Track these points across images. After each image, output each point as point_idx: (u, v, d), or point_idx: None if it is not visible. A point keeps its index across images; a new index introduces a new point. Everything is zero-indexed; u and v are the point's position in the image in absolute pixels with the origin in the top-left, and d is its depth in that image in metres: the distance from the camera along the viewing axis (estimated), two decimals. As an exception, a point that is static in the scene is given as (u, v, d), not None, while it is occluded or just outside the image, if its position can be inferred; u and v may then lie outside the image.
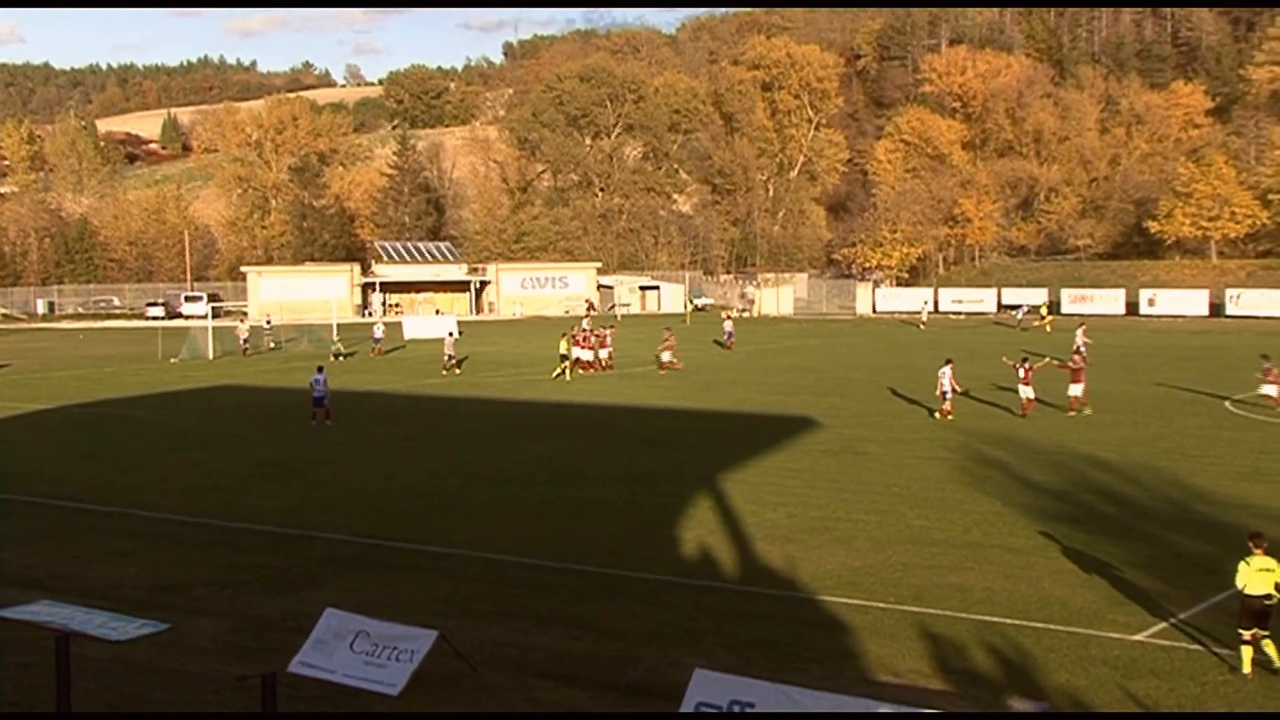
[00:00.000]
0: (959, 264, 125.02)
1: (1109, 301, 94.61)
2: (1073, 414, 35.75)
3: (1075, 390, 36.53)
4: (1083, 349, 48.56)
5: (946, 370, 36.15)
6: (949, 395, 35.84)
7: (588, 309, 61.22)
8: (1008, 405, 37.79)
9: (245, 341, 65.72)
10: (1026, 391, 36.21)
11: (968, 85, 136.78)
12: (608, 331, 56.49)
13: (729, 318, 68.66)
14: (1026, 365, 36.90)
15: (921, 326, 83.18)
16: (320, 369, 38.11)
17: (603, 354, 52.64)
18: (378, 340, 64.73)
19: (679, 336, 57.13)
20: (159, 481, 27.38)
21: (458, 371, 51.51)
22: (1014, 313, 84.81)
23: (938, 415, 35.78)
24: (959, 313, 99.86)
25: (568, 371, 49.02)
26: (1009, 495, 24.11)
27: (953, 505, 23.24)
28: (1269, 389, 37.34)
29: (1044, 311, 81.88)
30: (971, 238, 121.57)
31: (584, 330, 53.66)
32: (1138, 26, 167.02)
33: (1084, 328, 53.78)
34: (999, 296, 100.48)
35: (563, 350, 49.85)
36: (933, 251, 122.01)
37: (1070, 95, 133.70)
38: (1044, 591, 17.30)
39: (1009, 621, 15.90)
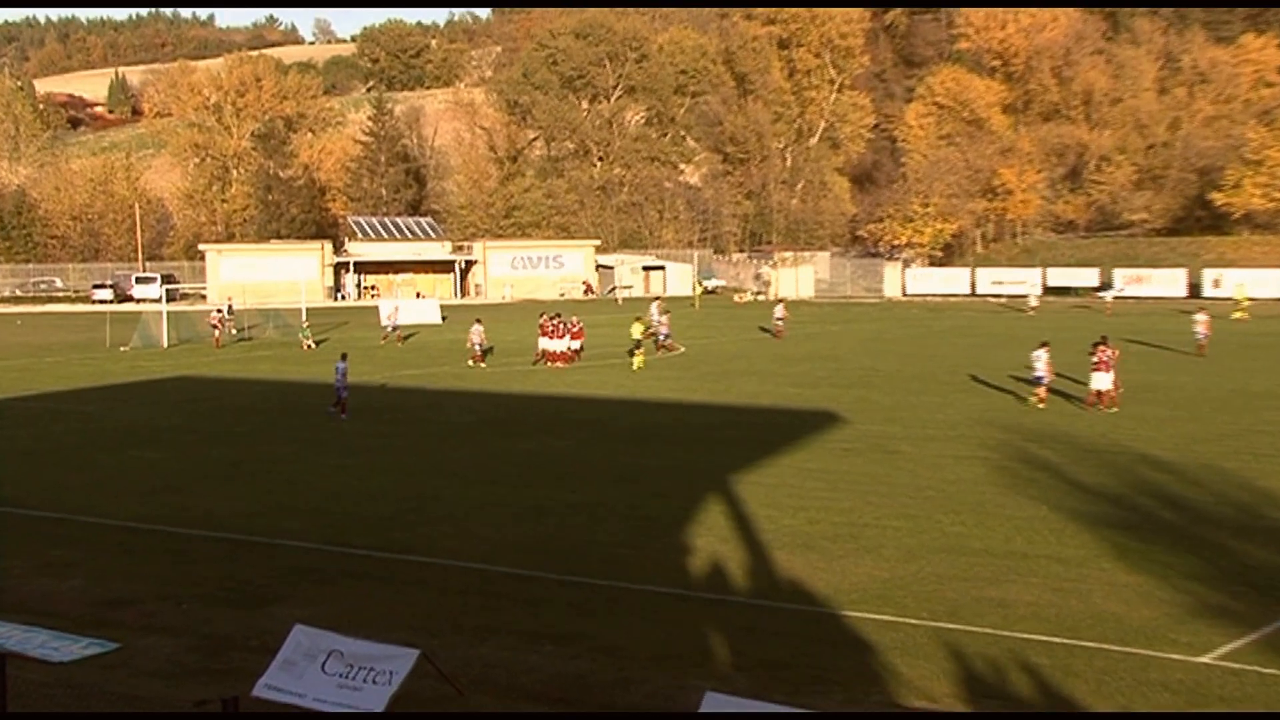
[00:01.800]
0: (999, 241, 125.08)
1: (1168, 283, 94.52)
2: (1104, 410, 35.62)
3: (1102, 383, 36.21)
4: (1201, 335, 48.29)
5: (1041, 354, 36.96)
6: (1044, 381, 36.66)
7: (658, 302, 61.30)
8: (1056, 399, 37.74)
9: (217, 330, 63.81)
10: (1101, 380, 36.21)
11: (1009, 41, 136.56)
12: (664, 317, 56.43)
13: (781, 302, 67.87)
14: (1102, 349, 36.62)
15: (1030, 311, 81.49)
16: (343, 356, 37.76)
17: (574, 344, 52.18)
18: (395, 327, 64.03)
19: (689, 320, 57.12)
20: (106, 483, 27.35)
21: (483, 365, 50.98)
22: (1102, 295, 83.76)
23: (1033, 400, 36.70)
24: (998, 295, 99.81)
25: (640, 358, 49.30)
26: (1056, 499, 24.04)
27: (993, 510, 23.18)
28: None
29: (1240, 298, 76.02)
30: (1013, 212, 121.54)
31: (556, 319, 52.48)
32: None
33: (1206, 315, 52.24)
34: (1044, 277, 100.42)
35: (636, 335, 49.91)
36: (969, 227, 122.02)
37: (1124, 51, 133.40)
38: (1096, 607, 17.24)
39: (1057, 640, 15.84)
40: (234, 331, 70.33)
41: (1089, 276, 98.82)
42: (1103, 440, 30.79)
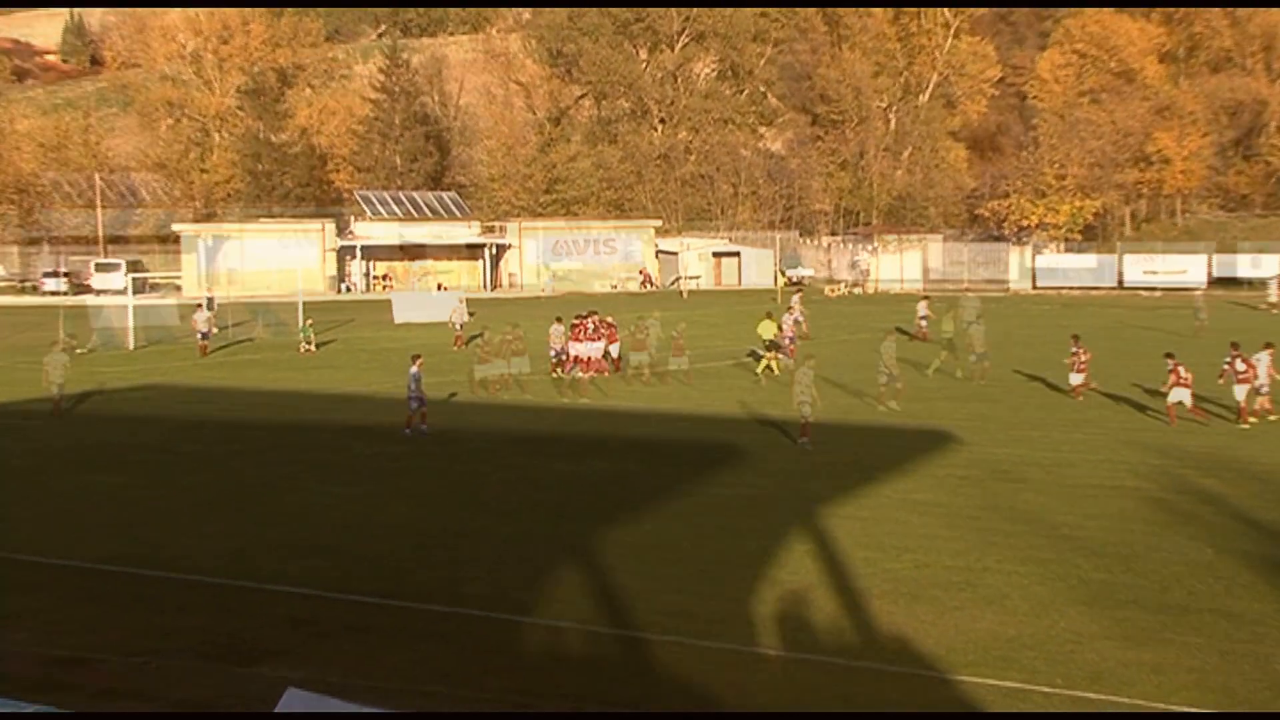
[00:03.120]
0: (1153, 221, 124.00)
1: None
2: (1246, 424, 36.13)
3: (1241, 394, 36.86)
4: None
5: (1264, 356, 37.16)
6: (1264, 389, 36.98)
7: (799, 294, 61.73)
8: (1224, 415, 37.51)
9: (204, 336, 62.65)
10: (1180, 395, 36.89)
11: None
12: (787, 315, 56.27)
13: (925, 299, 67.48)
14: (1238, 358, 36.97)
15: (1265, 306, 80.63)
16: (415, 359, 38.06)
17: (611, 348, 51.76)
18: (461, 326, 63.98)
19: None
20: (61, 515, 27.63)
21: (556, 374, 50.52)
22: None
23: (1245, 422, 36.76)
24: (1152, 287, 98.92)
25: (774, 365, 49.65)
26: (1224, 540, 23.85)
27: (1144, 553, 23.03)
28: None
29: None
30: (1171, 185, 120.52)
31: (592, 318, 51.86)
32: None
33: None
34: (1210, 264, 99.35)
35: (767, 335, 50.43)
36: (1117, 204, 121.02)
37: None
38: (1276, 674, 17.10)
39: (1226, 714, 15.70)
40: (214, 330, 70.45)
41: (1270, 264, 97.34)
42: (1282, 467, 30.55)
